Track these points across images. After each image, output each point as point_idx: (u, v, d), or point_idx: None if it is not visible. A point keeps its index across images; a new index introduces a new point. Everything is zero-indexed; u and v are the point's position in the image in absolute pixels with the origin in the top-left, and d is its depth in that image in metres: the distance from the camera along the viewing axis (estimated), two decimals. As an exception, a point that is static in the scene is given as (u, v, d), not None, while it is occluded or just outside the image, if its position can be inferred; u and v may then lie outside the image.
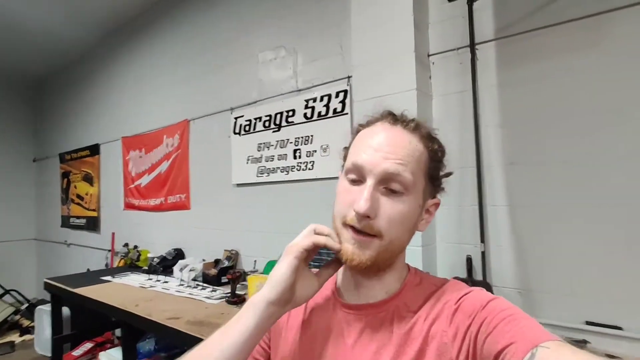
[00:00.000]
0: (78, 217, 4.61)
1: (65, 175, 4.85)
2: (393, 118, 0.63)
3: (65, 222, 4.84)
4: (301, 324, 0.67)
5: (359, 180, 0.59)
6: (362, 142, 0.61)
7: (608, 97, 1.42)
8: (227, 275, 2.12)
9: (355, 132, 0.66)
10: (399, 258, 0.63)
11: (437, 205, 0.65)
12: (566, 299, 1.47)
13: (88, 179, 4.44)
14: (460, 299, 0.57)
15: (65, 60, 4.79)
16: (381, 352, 0.57)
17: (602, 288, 1.40)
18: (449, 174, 0.66)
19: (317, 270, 0.68)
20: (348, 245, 0.58)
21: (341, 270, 0.69)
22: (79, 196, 4.60)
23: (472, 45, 1.67)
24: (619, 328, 1.35)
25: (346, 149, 0.67)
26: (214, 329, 1.82)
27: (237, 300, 2.06)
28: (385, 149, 0.58)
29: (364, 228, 0.56)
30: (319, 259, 1.98)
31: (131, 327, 2.29)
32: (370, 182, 0.56)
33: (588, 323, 1.41)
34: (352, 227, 0.57)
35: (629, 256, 1.36)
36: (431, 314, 0.58)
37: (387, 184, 0.57)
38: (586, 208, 1.45)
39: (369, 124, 0.65)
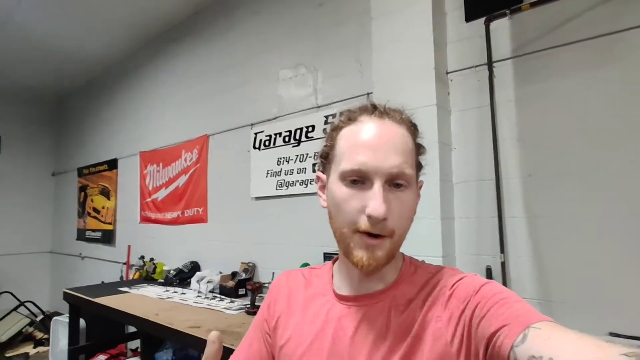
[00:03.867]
0: (94, 230, 4.68)
1: (83, 189, 4.96)
2: (378, 112, 0.61)
3: (81, 235, 4.92)
4: (299, 320, 0.67)
5: (360, 182, 0.57)
6: (354, 142, 0.59)
7: (620, 113, 1.47)
8: (247, 286, 2.15)
9: (336, 128, 0.63)
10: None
11: (421, 186, 0.66)
12: (588, 310, 1.48)
13: (105, 193, 4.54)
14: (454, 284, 0.58)
15: (86, 77, 4.97)
16: (380, 341, 0.58)
17: (626, 299, 1.41)
18: (424, 152, 0.66)
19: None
20: (361, 252, 0.57)
21: (337, 267, 0.70)
22: (95, 209, 4.69)
23: (490, 64, 1.74)
24: (643, 339, 1.36)
25: (326, 147, 0.65)
26: (237, 338, 1.85)
27: (256, 310, 2.08)
28: (384, 146, 0.57)
29: (379, 231, 0.56)
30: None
31: (149, 337, 2.32)
32: (377, 183, 0.55)
33: (612, 334, 1.42)
34: (366, 233, 0.56)
35: (651, 267, 1.38)
36: (427, 300, 0.59)
37: (393, 181, 0.57)
38: (606, 219, 1.47)
39: (351, 119, 0.62)
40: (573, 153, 1.56)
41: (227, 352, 1.74)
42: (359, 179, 0.57)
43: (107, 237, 4.43)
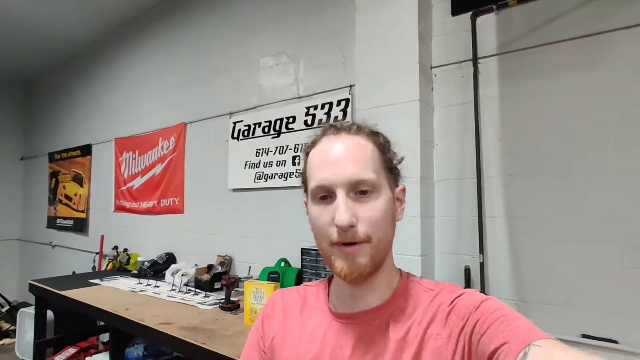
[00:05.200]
0: (65, 218, 4.51)
1: (54, 175, 4.76)
2: (335, 129, 0.64)
3: (52, 222, 4.74)
4: (296, 340, 0.67)
5: (328, 197, 0.60)
6: (317, 161, 0.62)
7: (603, 115, 1.46)
8: (221, 280, 2.08)
9: (305, 155, 0.67)
10: (387, 256, 0.63)
11: (404, 191, 0.67)
12: (562, 311, 1.48)
13: (78, 180, 4.36)
14: (453, 301, 0.58)
15: (59, 59, 4.74)
16: None
17: (599, 301, 1.42)
18: (401, 160, 0.68)
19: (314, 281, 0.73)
20: (341, 262, 0.58)
21: (333, 283, 0.70)
22: (67, 197, 4.51)
23: (475, 59, 1.70)
24: (615, 342, 1.37)
25: (302, 173, 0.68)
26: (208, 336, 1.78)
27: (231, 306, 2.03)
28: (341, 159, 0.59)
29: (351, 239, 0.57)
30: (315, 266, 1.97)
31: (119, 332, 2.24)
32: (340, 194, 0.57)
33: (584, 336, 1.42)
34: (341, 243, 0.57)
35: (624, 270, 1.38)
36: (425, 317, 0.58)
37: (356, 189, 0.58)
38: (583, 221, 1.47)
39: (314, 143, 0.66)
40: (554, 154, 1.55)
41: (197, 350, 1.66)
42: (326, 195, 0.60)
43: (80, 226, 4.27)
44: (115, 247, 3.55)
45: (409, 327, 0.58)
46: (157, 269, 2.97)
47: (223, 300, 2.17)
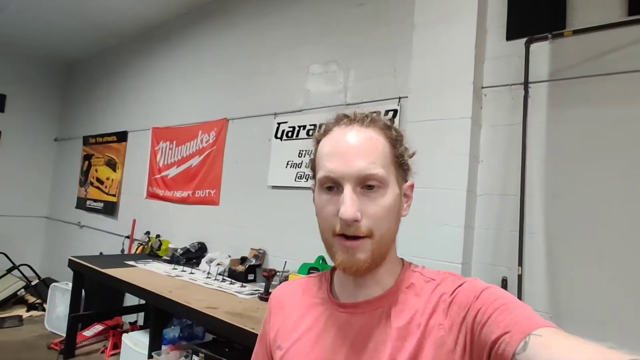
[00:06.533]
0: (95, 201, 4.67)
1: (87, 157, 4.93)
2: (348, 119, 0.63)
3: (81, 203, 4.90)
4: (298, 330, 0.67)
5: (334, 188, 0.59)
6: (326, 151, 0.61)
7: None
8: (263, 272, 2.20)
9: (316, 142, 0.66)
10: (391, 250, 0.63)
11: (412, 187, 0.67)
12: (594, 328, 1.57)
13: (111, 164, 4.52)
14: (454, 290, 0.58)
15: (101, 46, 4.92)
16: (380, 349, 0.58)
17: (629, 320, 1.51)
18: (412, 155, 0.67)
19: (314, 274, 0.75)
20: (341, 254, 0.58)
21: (336, 274, 0.71)
22: (99, 180, 4.68)
23: (526, 84, 1.80)
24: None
25: (312, 160, 0.67)
26: (254, 322, 1.91)
27: (269, 297, 2.14)
28: (350, 151, 0.59)
29: (354, 232, 0.57)
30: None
31: (161, 313, 2.37)
32: (347, 187, 0.57)
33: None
34: (343, 235, 0.58)
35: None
36: (428, 307, 0.59)
37: (363, 183, 0.58)
38: (619, 244, 1.56)
39: (326, 132, 0.65)
40: (597, 180, 1.64)
41: (247, 334, 1.79)
42: (332, 185, 0.59)
43: (110, 209, 4.42)
44: (147, 233, 3.69)
45: (411, 316, 0.59)
46: (189, 257, 3.10)
47: (260, 291, 2.29)
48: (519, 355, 0.44)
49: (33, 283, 4.25)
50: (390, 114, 2.21)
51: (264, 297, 2.16)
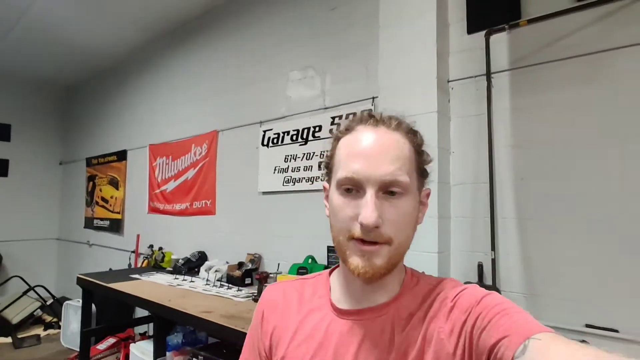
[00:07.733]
0: (102, 219, 4.82)
1: (91, 178, 5.10)
2: (374, 120, 0.61)
3: (89, 223, 5.07)
4: (296, 336, 0.66)
5: (354, 190, 0.58)
6: (349, 151, 0.60)
7: (606, 125, 1.60)
8: (256, 275, 2.29)
9: (336, 139, 0.65)
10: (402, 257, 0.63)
11: (428, 195, 0.66)
12: (568, 303, 1.63)
13: (114, 183, 4.67)
14: (456, 296, 0.58)
15: (96, 69, 5.08)
16: (384, 357, 0.58)
17: (601, 293, 1.56)
18: (430, 161, 0.66)
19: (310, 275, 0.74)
20: (357, 259, 0.57)
21: (335, 278, 0.69)
22: (103, 199, 4.83)
23: (489, 74, 1.87)
24: (616, 330, 1.50)
25: (328, 158, 0.66)
26: (246, 323, 2.01)
27: (263, 298, 2.23)
28: (377, 154, 0.57)
29: (373, 238, 0.56)
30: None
31: (163, 321, 2.47)
32: (370, 191, 0.56)
33: (587, 326, 1.57)
34: (360, 240, 0.56)
35: (624, 264, 1.52)
36: (429, 313, 0.59)
37: (386, 189, 0.57)
38: (586, 220, 1.62)
39: (349, 129, 0.63)
40: (560, 160, 1.70)
41: (239, 334, 1.91)
42: (353, 187, 0.58)
43: (115, 226, 4.57)
44: (151, 246, 3.81)
45: (413, 323, 0.59)
46: (190, 266, 3.21)
47: (255, 294, 2.38)
48: (518, 358, 0.45)
49: (48, 303, 4.41)
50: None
51: (258, 298, 2.25)
